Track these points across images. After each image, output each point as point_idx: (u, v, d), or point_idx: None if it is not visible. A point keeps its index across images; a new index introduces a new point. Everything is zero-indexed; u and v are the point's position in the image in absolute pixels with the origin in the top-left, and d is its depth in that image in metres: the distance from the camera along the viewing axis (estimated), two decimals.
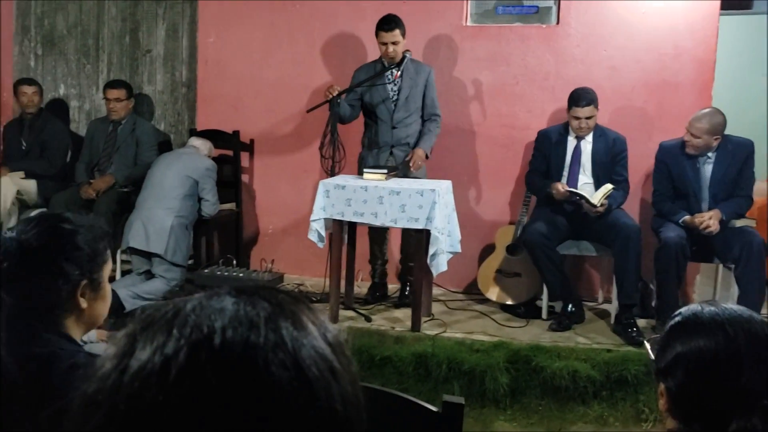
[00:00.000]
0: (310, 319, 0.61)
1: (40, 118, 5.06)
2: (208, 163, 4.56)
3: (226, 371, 0.53)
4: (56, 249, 1.47)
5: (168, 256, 4.29)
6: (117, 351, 0.56)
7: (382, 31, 4.18)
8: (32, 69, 5.45)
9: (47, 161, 5.03)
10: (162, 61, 5.24)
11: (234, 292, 0.61)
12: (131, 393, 0.52)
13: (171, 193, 4.36)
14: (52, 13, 5.37)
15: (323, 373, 0.56)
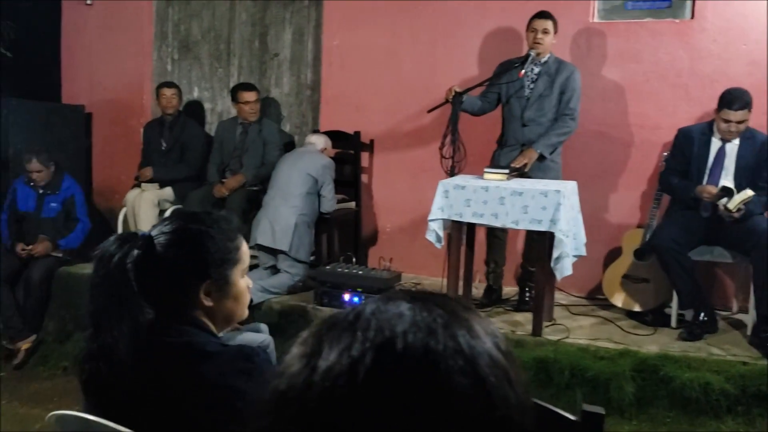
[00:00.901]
0: (482, 326, 0.61)
1: (179, 120, 5.36)
2: (326, 161, 4.69)
3: (409, 376, 0.54)
4: (182, 248, 1.53)
5: (292, 253, 4.45)
6: (305, 351, 0.59)
7: (535, 18, 4.14)
8: (169, 73, 5.78)
9: (187, 165, 5.32)
10: (288, 64, 5.42)
11: (408, 297, 0.62)
12: (322, 392, 0.54)
13: (294, 191, 4.52)
14: (188, 19, 5.68)
15: (500, 381, 0.57)
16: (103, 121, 5.93)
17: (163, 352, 1.48)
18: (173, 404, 1.46)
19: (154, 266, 1.51)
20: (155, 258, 1.51)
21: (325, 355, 0.57)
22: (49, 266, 4.98)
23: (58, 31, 6.00)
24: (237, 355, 1.51)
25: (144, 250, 1.50)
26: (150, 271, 1.50)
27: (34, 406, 4.20)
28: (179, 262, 1.53)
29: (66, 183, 5.16)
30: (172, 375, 1.48)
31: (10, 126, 5.28)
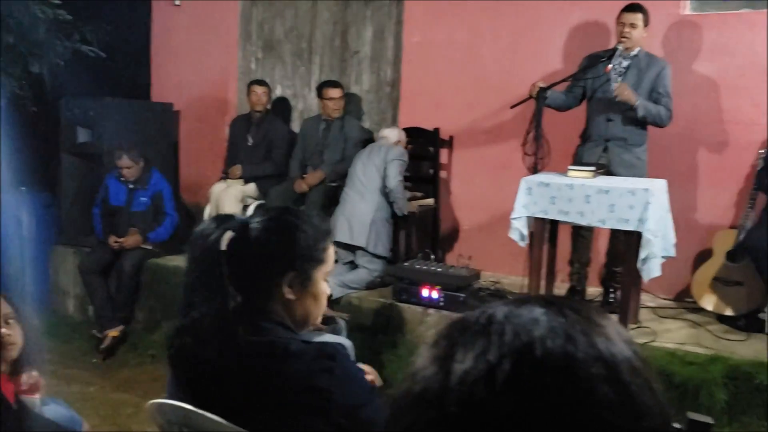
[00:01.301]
0: (618, 333, 0.59)
1: (267, 118, 5.47)
2: (396, 151, 4.67)
3: (550, 382, 0.53)
4: (274, 235, 1.57)
5: (370, 248, 4.48)
6: (437, 353, 0.58)
7: (624, 12, 4.03)
8: (253, 71, 5.92)
9: (273, 162, 5.43)
10: (369, 61, 5.45)
11: (542, 302, 0.61)
12: (460, 396, 0.54)
13: (370, 186, 4.54)
14: (271, 18, 5.79)
15: (643, 389, 0.55)
16: (190, 119, 6.13)
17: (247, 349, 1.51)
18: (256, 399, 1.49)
19: (246, 250, 1.55)
20: (248, 242, 1.54)
21: (460, 359, 0.56)
22: (139, 258, 5.18)
23: (149, 31, 6.23)
24: (319, 353, 1.51)
25: (238, 233, 1.53)
26: (241, 255, 1.54)
27: (125, 392, 4.39)
28: (270, 249, 1.56)
29: (155, 178, 5.36)
30: (255, 372, 1.50)
31: (105, 124, 5.52)
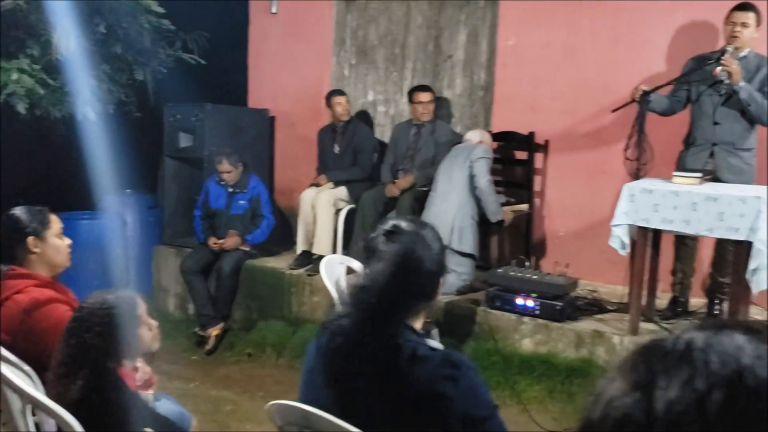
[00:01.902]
0: None
1: (351, 125, 5.55)
2: (480, 149, 4.63)
3: (764, 411, 0.51)
4: (419, 249, 1.64)
5: (454, 246, 4.44)
6: (636, 379, 0.58)
7: (735, 11, 3.87)
8: (346, 77, 6.00)
9: (360, 168, 5.51)
10: (462, 65, 5.44)
11: (741, 328, 0.59)
12: (668, 425, 0.53)
13: (452, 186, 4.54)
14: (365, 25, 5.86)
15: None
16: (285, 124, 6.27)
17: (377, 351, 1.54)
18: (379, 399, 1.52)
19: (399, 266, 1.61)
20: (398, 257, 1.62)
21: (663, 386, 0.55)
22: (238, 259, 5.35)
23: (246, 39, 6.42)
24: (444, 361, 1.55)
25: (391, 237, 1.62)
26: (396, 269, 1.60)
27: (224, 389, 4.53)
28: (419, 263, 1.64)
29: (253, 182, 5.53)
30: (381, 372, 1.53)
31: (206, 129, 5.72)
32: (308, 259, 5.31)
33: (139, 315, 2.15)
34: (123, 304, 2.09)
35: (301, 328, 5.07)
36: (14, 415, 2.04)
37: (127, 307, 2.10)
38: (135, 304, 2.14)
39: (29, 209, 2.53)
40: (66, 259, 2.59)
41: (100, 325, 2.00)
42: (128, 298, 2.14)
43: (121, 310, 2.07)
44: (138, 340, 2.12)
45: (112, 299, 2.08)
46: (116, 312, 2.05)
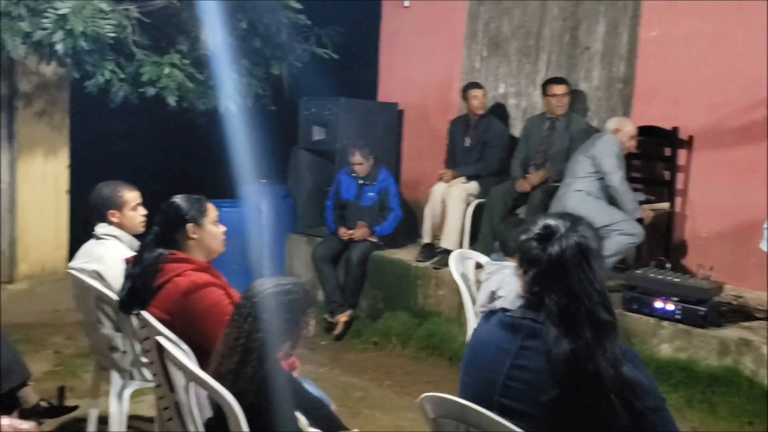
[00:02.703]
0: None
1: (484, 119, 5.49)
2: (606, 138, 4.44)
3: None
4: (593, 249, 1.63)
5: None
6: None
7: None
8: (477, 70, 5.95)
9: (486, 163, 5.44)
10: (600, 57, 5.25)
11: None
12: None
13: (577, 175, 4.40)
14: (498, 17, 5.78)
15: None
16: (413, 118, 6.31)
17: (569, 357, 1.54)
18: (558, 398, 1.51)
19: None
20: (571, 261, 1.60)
21: None
22: (366, 249, 5.45)
23: (377, 33, 6.51)
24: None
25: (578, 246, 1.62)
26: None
27: (353, 375, 4.64)
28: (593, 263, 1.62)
29: (382, 175, 5.61)
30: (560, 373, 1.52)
31: (339, 122, 5.86)
32: (432, 252, 5.33)
33: (311, 303, 2.21)
34: (299, 291, 2.15)
35: (426, 321, 5.10)
36: (177, 391, 2.17)
37: (302, 295, 2.16)
38: (307, 292, 2.20)
39: (188, 197, 2.68)
40: (221, 245, 2.73)
41: (274, 310, 2.06)
42: (301, 285, 2.19)
43: (297, 296, 2.13)
44: (306, 327, 2.18)
45: (289, 286, 2.14)
46: (293, 298, 2.11)
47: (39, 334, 5.14)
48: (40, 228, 5.90)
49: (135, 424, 3.52)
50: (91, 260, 3.12)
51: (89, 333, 3.28)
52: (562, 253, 1.57)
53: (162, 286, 2.53)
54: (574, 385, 1.48)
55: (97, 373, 3.39)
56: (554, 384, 1.49)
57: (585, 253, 1.58)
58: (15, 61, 5.52)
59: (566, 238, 1.60)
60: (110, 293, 2.94)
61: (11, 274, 5.88)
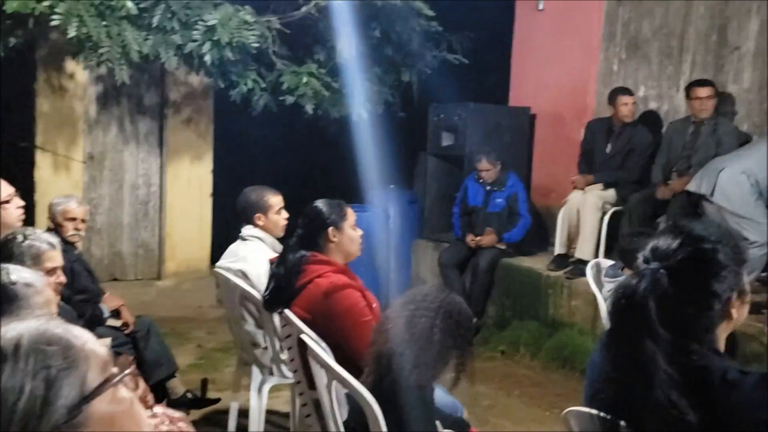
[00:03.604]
0: None
1: (629, 127, 5.23)
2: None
3: None
4: (703, 272, 1.49)
5: None
6: None
7: None
8: (615, 73, 5.74)
9: (627, 171, 5.21)
10: (751, 57, 4.91)
11: None
12: None
13: (730, 199, 4.09)
14: (638, 17, 5.55)
15: None
16: (545, 123, 6.18)
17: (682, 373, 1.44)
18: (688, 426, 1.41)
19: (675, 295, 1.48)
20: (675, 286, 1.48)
21: None
22: (494, 257, 5.40)
23: (508, 37, 6.43)
24: (759, 384, 1.41)
25: (656, 285, 1.47)
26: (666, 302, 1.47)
27: (479, 383, 4.59)
28: (704, 287, 1.49)
29: (511, 180, 5.54)
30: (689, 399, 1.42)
31: (468, 128, 5.85)
32: (566, 262, 5.19)
33: (466, 320, 2.13)
34: (460, 308, 2.10)
35: (557, 331, 4.98)
36: (318, 389, 2.24)
37: (463, 312, 2.11)
38: (465, 309, 2.13)
39: (329, 202, 2.77)
40: (358, 248, 2.80)
41: (440, 323, 2.03)
42: (459, 301, 2.12)
43: (455, 313, 2.08)
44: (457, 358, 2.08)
45: (452, 301, 2.08)
46: (452, 313, 2.07)
47: (183, 329, 5.48)
48: (185, 228, 6.30)
49: (271, 418, 3.66)
50: (236, 260, 3.29)
51: (233, 329, 3.46)
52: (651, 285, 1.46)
53: (304, 287, 2.62)
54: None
55: (239, 368, 3.57)
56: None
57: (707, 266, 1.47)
58: (165, 72, 5.93)
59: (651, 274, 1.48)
60: (254, 291, 3.09)
61: (159, 271, 6.30)
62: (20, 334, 0.85)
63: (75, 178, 5.86)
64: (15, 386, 0.80)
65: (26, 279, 1.96)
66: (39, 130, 5.69)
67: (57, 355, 0.84)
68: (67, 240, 3.76)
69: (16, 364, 0.81)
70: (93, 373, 0.86)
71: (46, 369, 0.83)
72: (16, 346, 0.83)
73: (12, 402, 0.79)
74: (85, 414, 0.84)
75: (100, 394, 0.86)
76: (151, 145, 6.23)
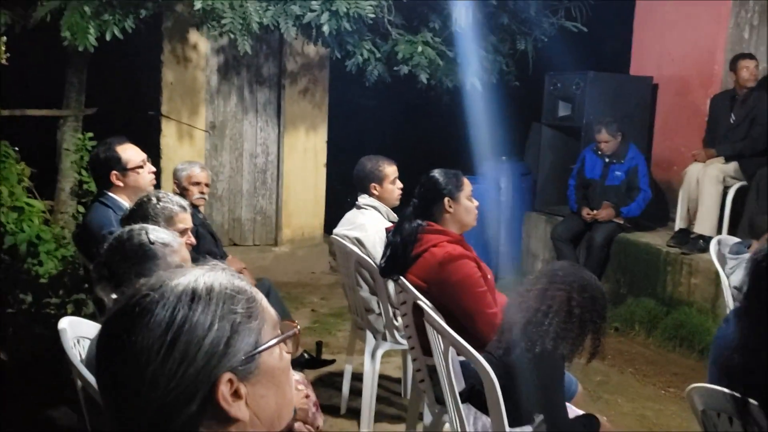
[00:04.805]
0: None
1: (754, 93, 4.95)
2: None
3: None
4: None
5: None
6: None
7: None
8: (746, 40, 5.38)
9: (751, 141, 4.92)
10: None
11: None
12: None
13: None
14: None
15: None
16: (668, 92, 5.89)
17: None
18: None
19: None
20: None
21: None
22: (611, 231, 5.25)
23: (632, 2, 6.14)
24: None
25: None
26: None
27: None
28: None
29: (631, 153, 5.33)
30: None
31: (586, 97, 5.66)
32: (687, 238, 4.97)
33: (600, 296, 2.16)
34: (594, 282, 2.13)
35: (675, 310, 4.80)
36: (434, 355, 2.29)
37: (597, 287, 2.14)
38: (599, 284, 2.16)
39: (446, 172, 2.78)
40: (474, 219, 2.80)
41: (577, 296, 2.07)
42: (591, 276, 2.16)
43: (590, 287, 2.12)
44: (594, 334, 2.14)
45: (585, 276, 2.13)
46: (586, 287, 2.11)
47: (298, 293, 5.69)
48: (301, 197, 6.50)
49: (383, 383, 3.76)
50: (353, 228, 3.38)
51: (348, 294, 3.56)
52: None
53: (420, 255, 2.66)
54: None
55: (353, 332, 3.68)
56: None
57: None
58: (284, 43, 6.09)
59: None
60: (369, 259, 3.17)
61: (276, 237, 6.55)
62: (214, 280, 0.93)
63: (198, 146, 6.16)
64: (205, 323, 0.88)
65: (164, 239, 2.06)
66: (164, 99, 6.00)
67: (243, 305, 0.92)
68: (192, 204, 3.99)
69: (208, 304, 0.89)
70: (267, 328, 0.94)
71: (233, 314, 0.90)
72: (209, 290, 0.91)
73: (200, 336, 0.87)
74: (256, 362, 0.91)
75: (270, 348, 0.93)
76: (270, 114, 6.43)
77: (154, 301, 0.88)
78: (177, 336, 0.86)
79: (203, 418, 0.86)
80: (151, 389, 0.84)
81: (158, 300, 0.88)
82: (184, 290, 0.90)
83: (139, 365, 0.85)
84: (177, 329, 0.86)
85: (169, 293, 0.89)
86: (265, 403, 0.92)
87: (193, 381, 0.85)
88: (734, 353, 1.49)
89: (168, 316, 0.87)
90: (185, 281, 0.91)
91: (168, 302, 0.88)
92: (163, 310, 0.87)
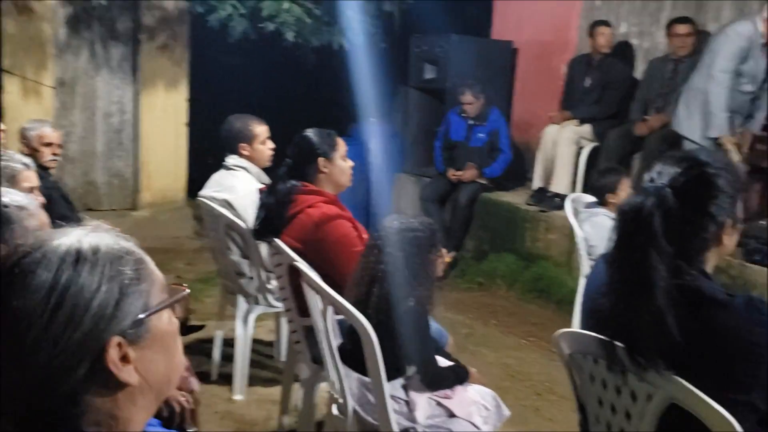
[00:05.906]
0: None
1: (607, 59, 5.27)
2: None
3: None
4: (704, 194, 1.54)
5: None
6: None
7: None
8: (597, 8, 5.69)
9: (604, 105, 5.25)
10: None
11: None
12: None
13: None
14: None
15: None
16: (527, 57, 6.14)
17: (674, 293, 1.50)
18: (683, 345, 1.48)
19: (676, 214, 1.53)
20: (678, 206, 1.53)
21: None
22: (474, 191, 5.44)
23: None
24: (748, 305, 1.49)
25: (661, 201, 1.52)
26: (672, 220, 1.52)
27: (457, 313, 4.70)
28: (703, 208, 1.54)
29: (493, 115, 5.53)
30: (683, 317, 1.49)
31: (450, 60, 5.78)
32: (544, 196, 5.26)
33: (438, 243, 2.25)
34: (425, 230, 2.20)
35: (533, 264, 5.08)
36: (312, 316, 2.28)
37: (428, 234, 2.21)
38: (434, 232, 2.24)
39: (320, 132, 2.74)
40: (348, 179, 2.79)
41: (399, 246, 2.13)
42: (429, 225, 2.25)
43: (423, 235, 2.18)
44: (433, 267, 2.23)
45: (415, 224, 2.20)
46: (419, 236, 2.17)
47: (161, 259, 5.36)
48: (161, 158, 6.20)
49: (255, 347, 3.70)
50: (221, 189, 3.27)
51: (217, 258, 3.46)
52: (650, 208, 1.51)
53: (295, 216, 2.63)
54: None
55: (223, 297, 3.59)
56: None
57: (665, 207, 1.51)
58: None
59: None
60: (239, 221, 3.08)
61: (134, 201, 6.23)
62: (99, 241, 0.87)
63: (45, 104, 5.70)
64: (91, 285, 0.83)
65: (18, 202, 1.90)
66: (5, 52, 5.48)
67: (131, 266, 0.87)
68: (43, 166, 3.70)
69: (94, 266, 0.84)
70: (156, 291, 0.90)
71: (121, 276, 0.86)
72: (95, 250, 0.85)
73: (88, 298, 0.82)
74: (146, 326, 0.87)
75: (160, 312, 0.89)
76: (125, 71, 6.06)
77: (35, 262, 0.82)
78: (61, 299, 0.80)
79: (91, 384, 0.83)
80: (33, 354, 0.79)
81: (39, 260, 0.82)
82: (67, 251, 0.84)
83: (20, 329, 0.79)
84: (61, 292, 0.81)
85: (51, 254, 0.83)
86: (155, 367, 0.89)
87: (80, 346, 0.81)
88: (603, 298, 1.58)
89: (51, 278, 0.81)
90: (68, 242, 0.85)
91: (50, 263, 0.82)
92: (46, 272, 0.81)
